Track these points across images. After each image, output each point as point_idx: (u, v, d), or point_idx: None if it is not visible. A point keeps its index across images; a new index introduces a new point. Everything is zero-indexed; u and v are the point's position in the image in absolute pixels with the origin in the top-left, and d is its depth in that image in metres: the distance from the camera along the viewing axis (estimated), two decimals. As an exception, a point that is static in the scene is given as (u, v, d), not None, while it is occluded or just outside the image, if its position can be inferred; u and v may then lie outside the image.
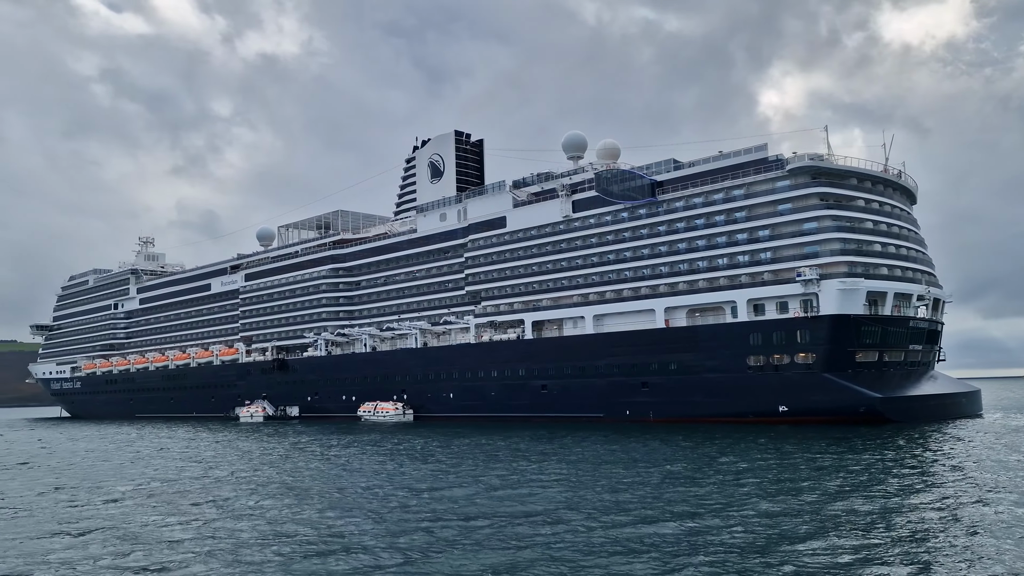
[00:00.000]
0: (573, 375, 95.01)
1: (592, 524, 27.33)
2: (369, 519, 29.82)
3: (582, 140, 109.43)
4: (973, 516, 27.49)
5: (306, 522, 29.72)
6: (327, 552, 24.29)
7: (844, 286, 75.84)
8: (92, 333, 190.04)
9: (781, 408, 77.97)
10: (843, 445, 53.71)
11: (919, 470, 40.31)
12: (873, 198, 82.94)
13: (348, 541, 25.78)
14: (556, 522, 27.88)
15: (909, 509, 29.26)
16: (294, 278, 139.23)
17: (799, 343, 77.81)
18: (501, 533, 26.21)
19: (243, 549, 25.10)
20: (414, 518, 29.68)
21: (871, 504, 30.23)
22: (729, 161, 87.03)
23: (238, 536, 27.29)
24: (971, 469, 40.03)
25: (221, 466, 53.11)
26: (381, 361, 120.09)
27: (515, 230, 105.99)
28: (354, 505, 33.64)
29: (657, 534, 25.45)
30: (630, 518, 28.44)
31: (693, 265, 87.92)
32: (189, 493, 39.25)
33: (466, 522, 28.40)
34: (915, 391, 78.46)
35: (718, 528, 26.21)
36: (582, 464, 46.45)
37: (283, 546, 25.40)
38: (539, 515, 29.43)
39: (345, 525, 28.71)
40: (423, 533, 26.56)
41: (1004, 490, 33.12)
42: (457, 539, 25.45)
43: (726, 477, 39.00)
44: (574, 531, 26.19)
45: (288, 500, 35.77)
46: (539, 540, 24.86)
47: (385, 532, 27.02)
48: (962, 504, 29.98)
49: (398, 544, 25.00)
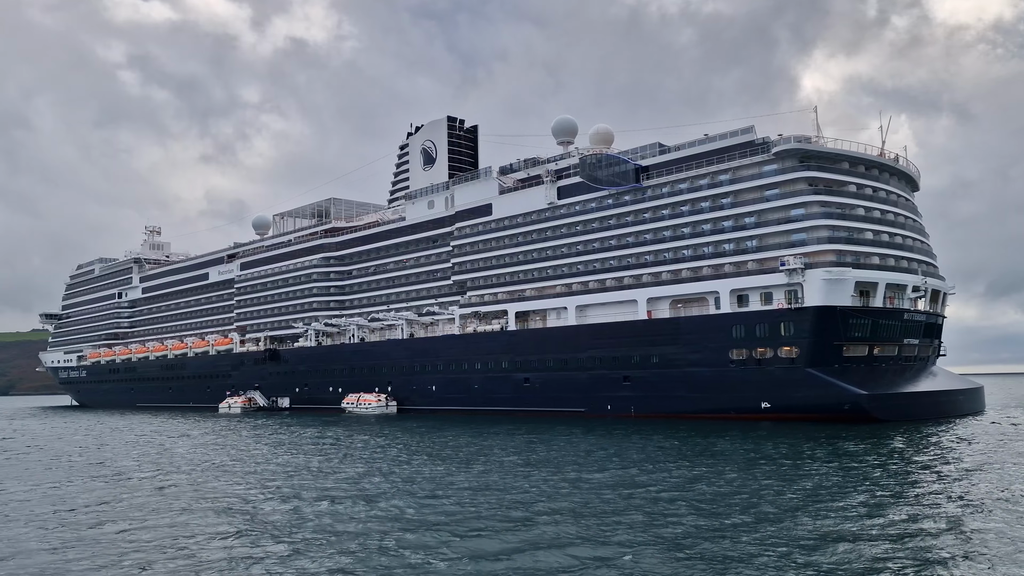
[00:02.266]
0: (555, 368, 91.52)
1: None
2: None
3: (572, 125, 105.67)
4: (894, 541, 23.90)
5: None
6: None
7: (830, 276, 71.46)
8: (97, 322, 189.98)
9: (763, 405, 73.93)
10: (799, 448, 49.91)
11: (853, 480, 36.52)
12: (866, 183, 78.30)
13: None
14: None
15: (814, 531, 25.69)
16: (286, 267, 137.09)
17: (782, 336, 73.58)
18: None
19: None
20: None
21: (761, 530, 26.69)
22: (715, 144, 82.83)
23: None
24: (918, 479, 36.18)
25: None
26: (368, 352, 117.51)
27: (500, 217, 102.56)
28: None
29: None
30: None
31: (678, 254, 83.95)
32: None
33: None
34: (907, 388, 73.88)
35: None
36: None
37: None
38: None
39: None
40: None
41: (938, 504, 29.30)
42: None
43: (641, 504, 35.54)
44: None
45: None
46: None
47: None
48: (877, 525, 26.32)
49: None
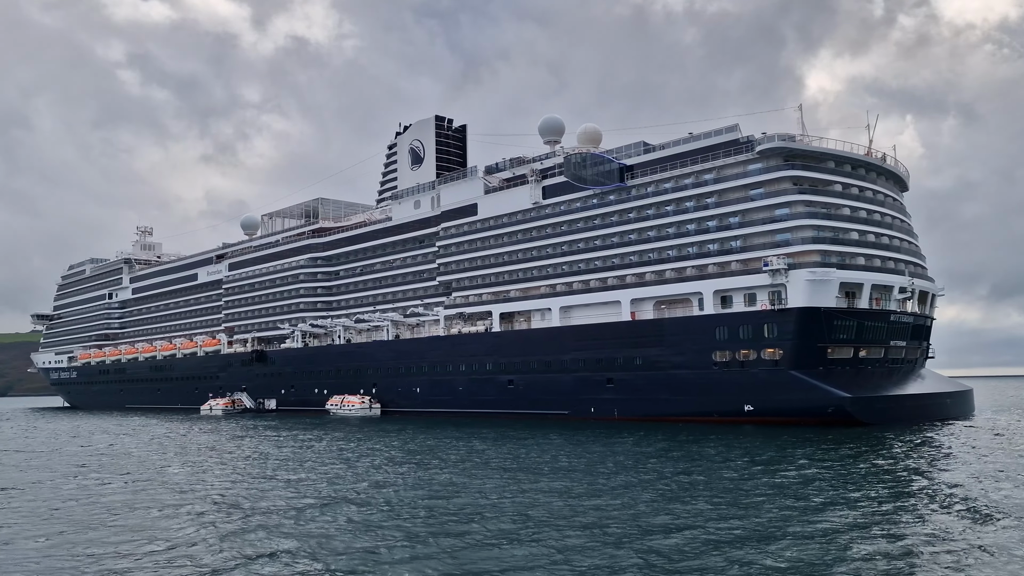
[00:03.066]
0: (539, 370, 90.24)
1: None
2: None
3: (559, 124, 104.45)
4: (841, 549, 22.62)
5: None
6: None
7: (814, 276, 70.15)
8: (88, 323, 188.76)
9: (746, 408, 72.62)
10: (763, 453, 48.62)
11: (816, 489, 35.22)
12: (853, 183, 77.05)
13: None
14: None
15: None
16: (274, 268, 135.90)
17: (766, 338, 72.26)
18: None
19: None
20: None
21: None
22: (699, 143, 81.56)
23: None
24: (875, 487, 34.90)
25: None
26: (353, 354, 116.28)
27: (486, 217, 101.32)
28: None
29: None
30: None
31: (662, 254, 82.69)
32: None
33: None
34: (893, 391, 72.56)
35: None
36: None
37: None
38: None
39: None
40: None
41: (887, 516, 28.00)
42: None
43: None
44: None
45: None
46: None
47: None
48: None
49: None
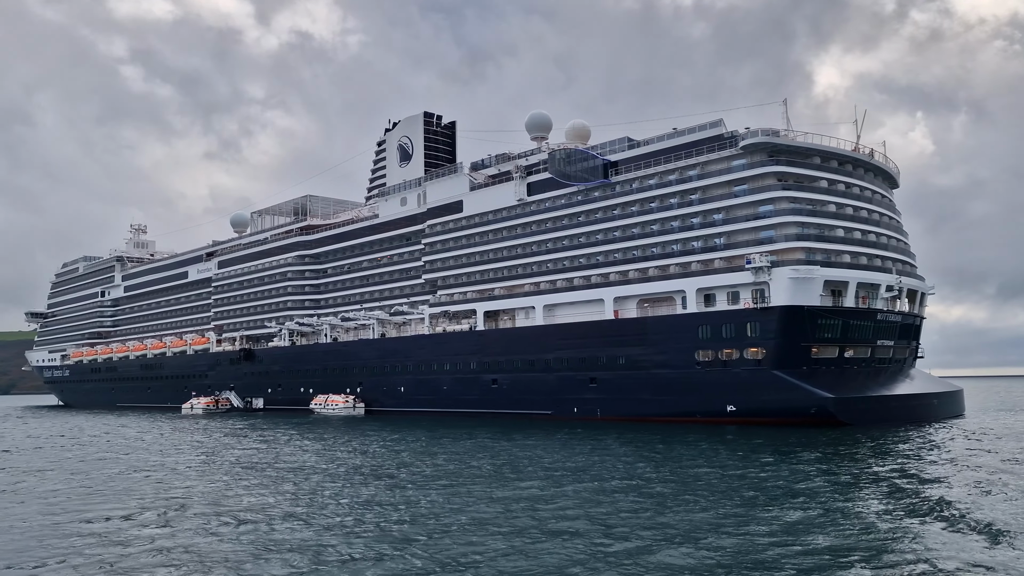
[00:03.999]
0: (523, 369, 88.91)
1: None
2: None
3: (546, 120, 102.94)
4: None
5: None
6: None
7: (797, 274, 68.69)
8: (81, 321, 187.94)
9: (729, 408, 71.20)
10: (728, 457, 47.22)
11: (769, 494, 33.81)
12: (839, 179, 75.52)
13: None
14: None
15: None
16: (262, 265, 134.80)
17: (748, 337, 70.80)
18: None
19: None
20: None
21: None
22: (683, 139, 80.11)
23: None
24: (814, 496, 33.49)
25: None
26: (340, 352, 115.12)
27: (471, 215, 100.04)
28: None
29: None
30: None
31: (647, 251, 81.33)
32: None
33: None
34: (879, 391, 71.02)
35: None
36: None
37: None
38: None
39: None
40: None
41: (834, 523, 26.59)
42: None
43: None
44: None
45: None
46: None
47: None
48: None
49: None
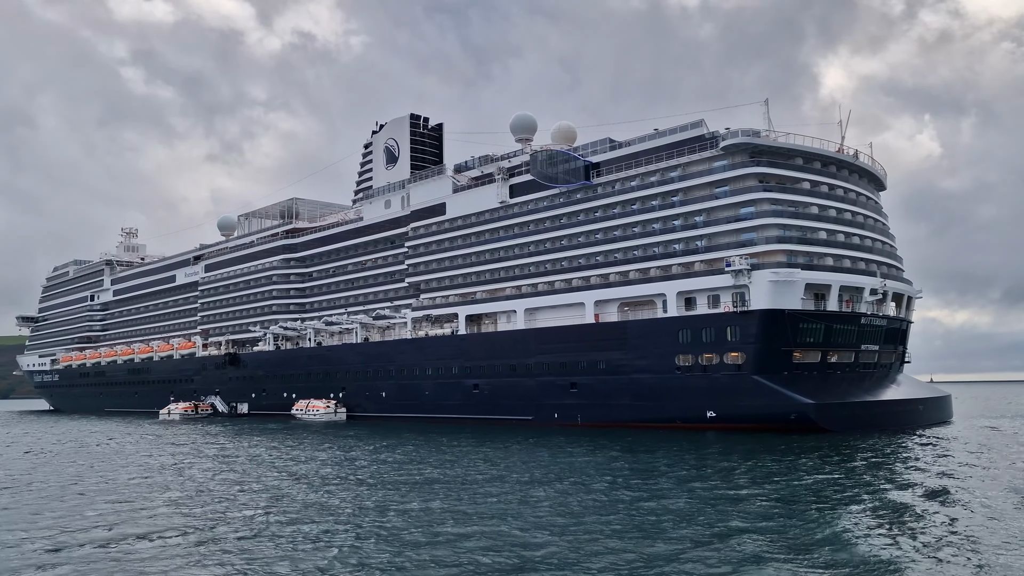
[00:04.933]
0: (504, 374, 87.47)
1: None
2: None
3: (531, 121, 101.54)
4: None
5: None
6: None
7: (777, 277, 67.21)
8: (71, 325, 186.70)
9: (709, 414, 69.67)
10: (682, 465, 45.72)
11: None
12: (823, 180, 74.07)
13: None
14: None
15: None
16: (248, 269, 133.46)
17: (728, 341, 69.33)
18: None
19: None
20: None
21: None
22: (665, 140, 78.74)
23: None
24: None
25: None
26: (323, 357, 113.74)
27: (454, 217, 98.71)
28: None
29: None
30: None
31: (628, 254, 79.93)
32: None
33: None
34: (862, 397, 69.49)
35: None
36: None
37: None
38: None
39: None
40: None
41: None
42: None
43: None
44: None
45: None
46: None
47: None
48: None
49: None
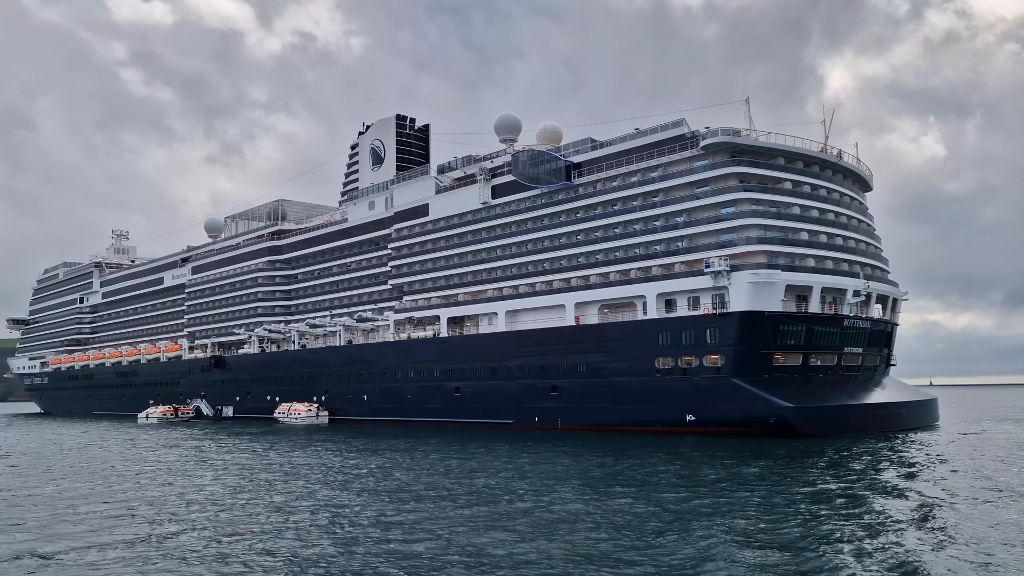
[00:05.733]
0: (485, 377, 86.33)
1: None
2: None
3: (515, 122, 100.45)
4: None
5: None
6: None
7: (756, 278, 66.04)
8: (60, 327, 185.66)
9: (688, 417, 68.50)
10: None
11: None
12: (805, 180, 72.91)
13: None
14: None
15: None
16: (233, 271, 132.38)
17: (708, 343, 68.17)
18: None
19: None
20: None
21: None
22: (646, 139, 77.62)
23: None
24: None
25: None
26: (306, 360, 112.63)
27: (437, 219, 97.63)
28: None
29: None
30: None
31: (609, 255, 78.80)
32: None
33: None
34: (843, 400, 68.25)
35: None
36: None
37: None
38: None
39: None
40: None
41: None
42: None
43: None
44: None
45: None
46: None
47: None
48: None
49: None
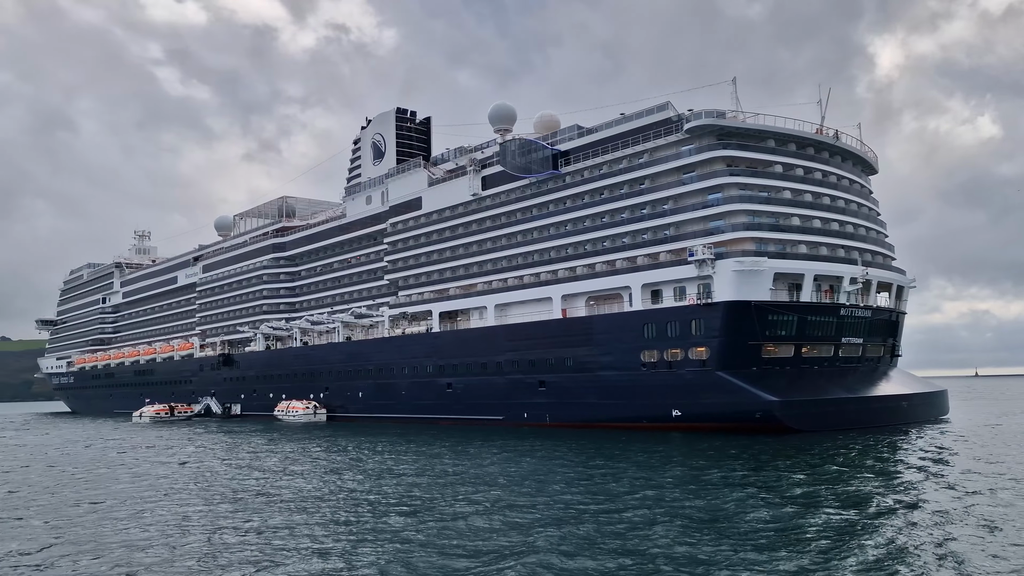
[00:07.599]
0: (475, 372, 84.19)
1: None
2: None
3: (510, 111, 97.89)
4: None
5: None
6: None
7: (741, 267, 62.68)
8: (84, 327, 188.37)
9: (675, 412, 65.49)
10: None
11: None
12: (797, 163, 69.21)
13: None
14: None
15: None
16: (239, 269, 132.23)
17: (693, 335, 65.01)
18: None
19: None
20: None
21: None
22: (632, 124, 74.57)
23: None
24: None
25: None
26: (307, 357, 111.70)
27: (429, 212, 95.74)
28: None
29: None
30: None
31: (596, 246, 76.05)
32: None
33: None
34: (837, 394, 64.45)
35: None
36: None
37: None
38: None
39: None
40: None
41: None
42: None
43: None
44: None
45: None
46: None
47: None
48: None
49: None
